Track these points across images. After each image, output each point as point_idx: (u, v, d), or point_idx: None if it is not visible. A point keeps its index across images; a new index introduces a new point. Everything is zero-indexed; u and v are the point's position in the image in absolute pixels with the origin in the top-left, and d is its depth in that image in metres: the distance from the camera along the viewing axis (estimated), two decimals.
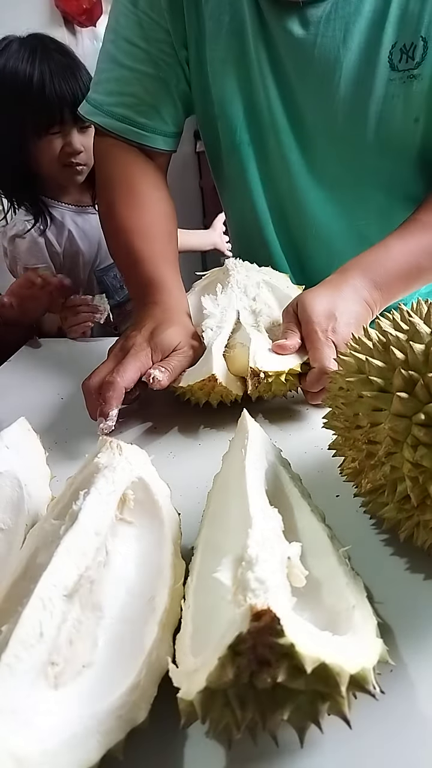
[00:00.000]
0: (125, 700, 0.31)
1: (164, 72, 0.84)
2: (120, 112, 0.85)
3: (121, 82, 0.85)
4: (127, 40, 0.83)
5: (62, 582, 0.35)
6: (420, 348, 0.39)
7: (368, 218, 0.91)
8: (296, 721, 0.29)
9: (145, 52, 0.83)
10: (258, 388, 0.65)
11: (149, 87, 0.84)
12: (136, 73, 0.84)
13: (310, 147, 0.86)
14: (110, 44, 0.85)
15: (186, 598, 0.37)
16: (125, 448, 0.47)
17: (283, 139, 0.86)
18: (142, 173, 0.88)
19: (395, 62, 0.75)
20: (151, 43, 0.83)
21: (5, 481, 0.47)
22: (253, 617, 0.27)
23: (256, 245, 0.99)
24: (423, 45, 0.73)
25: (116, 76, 0.85)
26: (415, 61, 0.74)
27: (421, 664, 0.37)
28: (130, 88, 0.85)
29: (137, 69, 0.84)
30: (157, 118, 0.86)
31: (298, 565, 0.36)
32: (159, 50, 0.83)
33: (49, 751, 0.28)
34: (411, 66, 0.75)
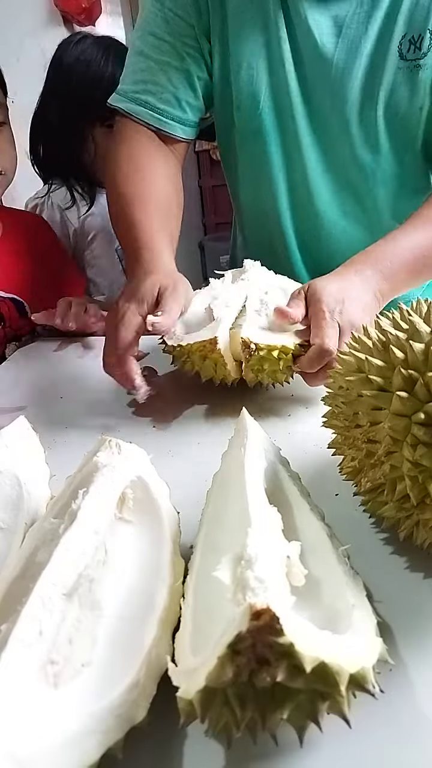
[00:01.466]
0: (124, 698, 0.31)
1: (188, 64, 0.89)
2: (143, 98, 0.90)
3: (146, 72, 0.90)
4: (153, 35, 0.89)
5: (61, 581, 0.35)
6: (420, 347, 0.39)
7: (377, 208, 0.95)
8: (296, 721, 0.29)
9: (170, 45, 0.88)
10: (250, 363, 0.64)
11: (172, 77, 0.89)
12: (160, 64, 0.89)
13: (325, 135, 0.90)
14: (137, 40, 0.91)
15: (185, 597, 0.37)
16: (124, 447, 0.47)
17: (300, 126, 0.90)
18: (151, 153, 0.91)
19: (404, 52, 0.82)
20: (175, 37, 0.88)
21: (4, 480, 0.47)
22: (252, 616, 0.27)
23: (271, 234, 1.02)
24: (430, 36, 0.80)
25: (142, 67, 0.90)
26: (422, 51, 0.81)
27: (420, 664, 0.37)
28: (154, 77, 0.89)
29: (162, 60, 0.88)
30: (177, 107, 0.90)
31: (298, 564, 0.36)
32: (183, 44, 0.88)
33: (48, 750, 0.28)
34: (418, 56, 0.82)
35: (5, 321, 1.07)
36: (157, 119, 0.90)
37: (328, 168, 0.93)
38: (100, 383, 0.82)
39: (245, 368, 0.65)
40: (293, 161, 0.93)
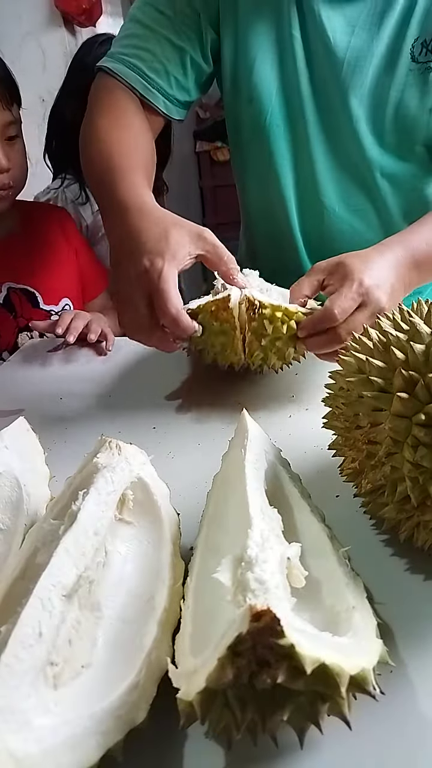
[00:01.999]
0: (124, 700, 0.31)
1: (184, 42, 0.88)
2: (132, 62, 0.88)
3: (139, 38, 0.89)
4: (154, 7, 0.88)
5: (61, 582, 0.35)
6: (420, 348, 0.39)
7: (386, 206, 0.96)
8: (296, 722, 0.29)
9: (168, 19, 0.88)
10: (254, 326, 0.64)
11: (166, 49, 0.88)
12: (156, 34, 0.88)
13: (334, 131, 0.92)
14: (136, 9, 0.91)
15: (185, 599, 0.37)
16: (124, 448, 0.47)
17: (309, 122, 0.91)
18: (133, 110, 0.88)
19: (416, 54, 0.84)
20: (177, 13, 0.87)
21: (4, 481, 0.47)
22: (252, 618, 0.26)
23: (277, 228, 1.03)
24: None
25: (136, 33, 0.89)
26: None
27: (420, 665, 0.37)
28: (146, 45, 0.88)
29: (158, 31, 0.88)
30: (165, 80, 0.89)
31: (298, 565, 0.36)
32: (183, 23, 0.88)
33: (48, 751, 0.28)
34: (430, 59, 0.84)
35: (17, 311, 1.08)
36: (144, 86, 0.87)
37: (336, 164, 0.94)
38: (100, 383, 0.82)
39: (249, 336, 0.65)
40: (301, 156, 0.95)
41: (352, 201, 0.96)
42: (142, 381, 0.82)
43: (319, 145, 0.93)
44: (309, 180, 0.95)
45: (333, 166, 0.94)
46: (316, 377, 0.76)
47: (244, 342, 0.67)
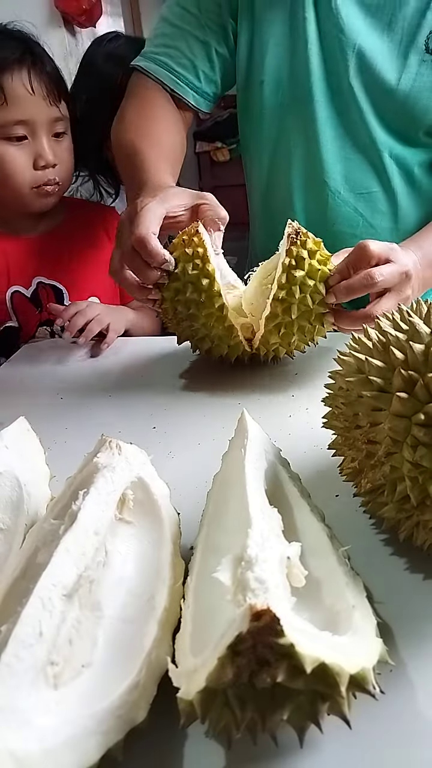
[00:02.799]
0: (125, 699, 0.31)
1: (209, 37, 0.94)
2: (162, 59, 0.94)
3: (168, 37, 0.95)
4: (181, 6, 0.94)
5: (62, 582, 0.35)
6: (420, 348, 0.39)
7: (395, 195, 0.97)
8: (296, 721, 0.29)
9: (194, 16, 0.93)
10: (295, 253, 0.66)
11: (192, 45, 0.94)
12: (182, 31, 0.94)
13: (343, 116, 0.93)
14: (166, 9, 0.97)
15: (186, 598, 0.37)
16: (124, 447, 0.47)
17: (318, 105, 0.93)
18: (162, 105, 0.95)
19: (430, 46, 0.85)
20: (201, 11, 0.93)
21: (4, 481, 0.47)
22: (252, 617, 0.27)
23: (279, 210, 1.04)
24: None
25: (165, 32, 0.96)
26: None
27: (420, 664, 0.37)
28: (174, 42, 0.94)
29: (184, 29, 0.94)
30: (193, 74, 0.95)
31: (298, 565, 0.36)
32: (207, 18, 0.93)
33: (48, 751, 0.28)
34: None
35: (42, 306, 1.09)
36: (173, 80, 0.94)
37: (344, 146, 0.95)
38: (100, 383, 0.82)
39: (287, 265, 0.66)
40: (308, 138, 0.96)
41: (359, 184, 0.97)
42: (142, 381, 0.82)
43: (328, 126, 0.94)
44: (314, 161, 0.96)
45: (341, 147, 0.95)
46: (316, 377, 0.76)
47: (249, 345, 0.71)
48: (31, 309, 1.09)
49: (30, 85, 0.94)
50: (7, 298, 1.08)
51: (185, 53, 0.94)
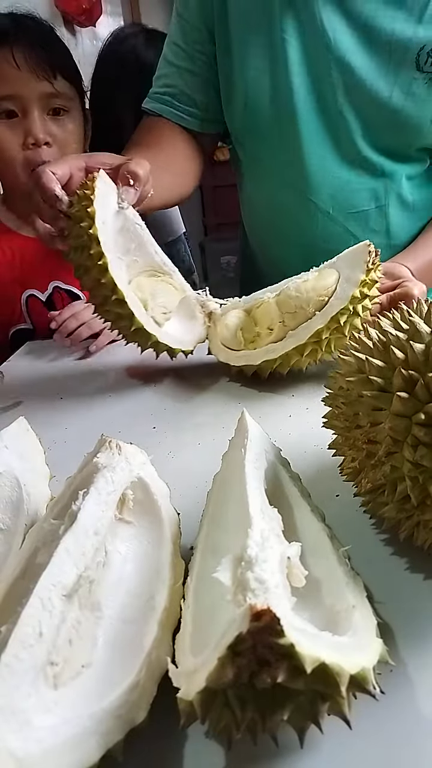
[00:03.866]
0: (124, 700, 0.31)
1: (199, 68, 0.98)
2: (165, 99, 1.01)
3: (167, 77, 1.01)
4: (174, 43, 0.99)
5: (61, 582, 0.35)
6: (420, 347, 0.39)
7: (388, 212, 0.98)
8: (296, 722, 0.29)
9: (183, 51, 0.98)
10: (371, 267, 0.66)
11: (187, 80, 0.99)
12: (177, 68, 0.99)
13: (331, 134, 0.92)
14: (165, 47, 1.02)
15: (186, 598, 0.37)
16: (124, 447, 0.47)
17: (304, 125, 0.92)
18: (168, 132, 0.99)
19: (421, 63, 0.83)
20: (189, 43, 0.97)
21: (4, 481, 0.47)
22: (252, 617, 0.26)
23: (274, 232, 1.05)
24: None
25: (165, 72, 1.02)
26: None
27: (421, 664, 0.37)
28: (172, 81, 1.00)
29: (178, 65, 0.99)
30: (194, 106, 1.00)
31: (298, 565, 0.36)
32: (194, 49, 0.97)
33: (48, 751, 0.28)
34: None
35: (57, 310, 1.08)
36: (176, 115, 1.00)
37: (333, 168, 0.94)
38: (100, 383, 0.82)
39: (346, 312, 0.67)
40: (294, 159, 0.95)
41: (350, 203, 0.96)
42: (142, 381, 0.82)
43: (315, 146, 0.93)
44: (301, 182, 0.96)
45: (329, 167, 0.94)
46: (317, 377, 0.76)
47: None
48: (45, 313, 1.08)
49: (14, 60, 0.92)
50: (22, 301, 1.08)
51: (183, 90, 0.99)
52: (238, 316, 0.76)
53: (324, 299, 0.68)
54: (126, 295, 0.67)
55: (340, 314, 0.66)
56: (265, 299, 0.74)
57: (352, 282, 0.67)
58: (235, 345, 0.75)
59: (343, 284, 0.68)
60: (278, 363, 0.70)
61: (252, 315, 0.76)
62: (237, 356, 0.75)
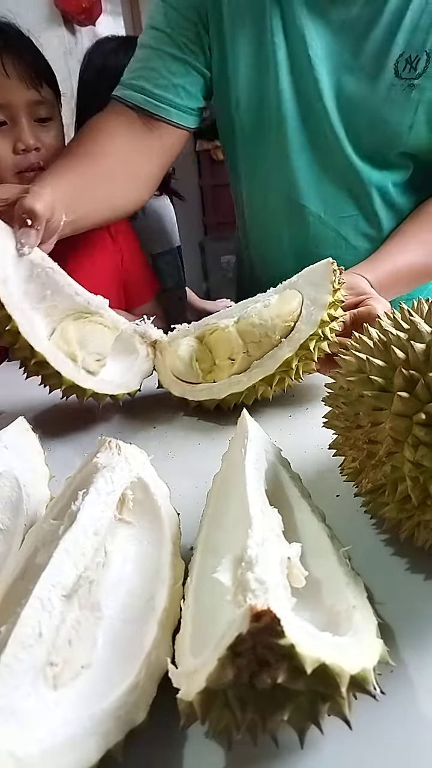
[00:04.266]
0: (124, 700, 0.31)
1: (186, 54, 0.91)
2: (138, 84, 0.91)
3: (144, 59, 0.92)
4: (154, 28, 0.92)
5: (61, 582, 0.35)
6: (421, 347, 0.39)
7: (377, 215, 0.97)
8: (296, 722, 0.29)
9: (167, 35, 0.90)
10: (338, 291, 0.64)
11: (170, 64, 0.90)
12: (158, 51, 0.91)
13: (317, 140, 0.91)
14: (142, 36, 0.94)
15: (185, 598, 0.37)
16: (124, 448, 0.47)
17: (291, 130, 0.91)
18: (120, 138, 0.90)
19: (399, 70, 0.83)
20: (174, 29, 0.90)
21: (4, 482, 0.47)
22: (252, 618, 0.26)
23: (269, 235, 1.04)
24: (426, 58, 0.81)
25: (141, 56, 0.93)
26: (417, 71, 0.82)
27: (421, 665, 0.37)
28: (150, 64, 0.91)
29: (160, 49, 0.91)
30: (173, 92, 0.91)
31: (298, 565, 0.36)
32: (181, 35, 0.90)
33: (48, 752, 0.28)
34: (413, 76, 0.83)
35: None
36: (152, 104, 0.90)
37: (320, 171, 0.94)
38: None
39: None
40: (284, 162, 0.94)
41: (340, 208, 0.96)
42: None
43: (303, 152, 0.93)
44: (292, 186, 0.95)
45: (318, 173, 0.94)
46: (317, 376, 0.76)
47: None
48: None
49: (4, 69, 0.92)
50: None
51: (162, 73, 0.90)
52: (190, 344, 0.70)
53: (290, 324, 0.64)
54: (47, 356, 0.61)
55: (309, 340, 0.62)
56: (221, 326, 0.68)
57: (318, 305, 0.63)
58: (191, 377, 0.69)
59: (308, 307, 0.64)
60: (244, 395, 0.65)
61: (205, 342, 0.70)
62: (197, 390, 0.68)
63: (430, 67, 0.82)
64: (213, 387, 0.66)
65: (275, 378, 0.63)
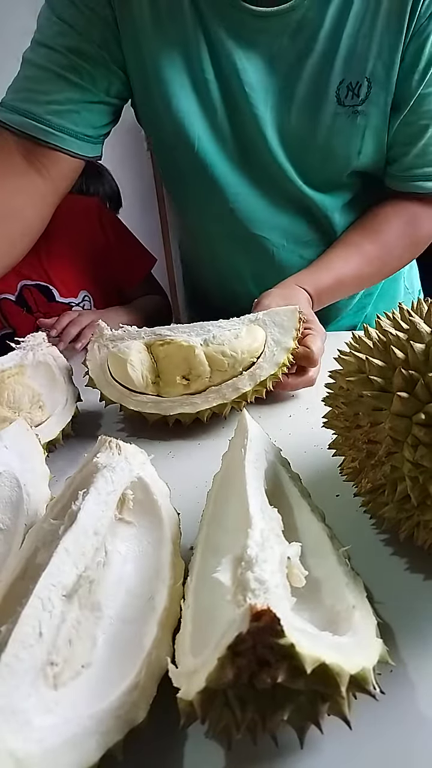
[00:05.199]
0: (124, 700, 0.31)
1: (85, 80, 0.80)
2: (25, 108, 0.79)
3: (33, 80, 0.79)
4: (46, 46, 0.79)
5: (61, 582, 0.35)
6: (420, 347, 0.39)
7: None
8: (296, 722, 0.29)
9: (64, 56, 0.78)
10: (300, 334, 0.67)
11: (65, 88, 0.79)
12: (51, 73, 0.78)
13: (262, 173, 0.88)
14: (28, 52, 0.81)
15: (186, 598, 0.37)
16: (124, 447, 0.47)
17: (236, 165, 0.88)
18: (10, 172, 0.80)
19: (342, 98, 0.80)
20: (72, 51, 0.78)
21: (4, 482, 0.47)
22: (252, 617, 0.26)
23: (226, 270, 1.01)
24: (367, 84, 0.79)
25: (28, 75, 0.80)
26: (360, 98, 0.80)
27: (421, 665, 0.37)
28: (41, 86, 0.79)
29: (53, 70, 0.78)
30: (68, 119, 0.80)
31: (298, 565, 0.36)
32: (80, 59, 0.79)
33: (48, 751, 0.28)
34: (356, 102, 0.80)
35: (31, 307, 1.08)
36: (42, 130, 0.79)
37: (274, 205, 0.91)
38: None
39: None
40: (235, 201, 0.91)
41: (300, 234, 0.94)
42: None
43: (250, 185, 0.89)
44: (247, 220, 0.92)
45: (270, 204, 0.91)
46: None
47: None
48: (20, 312, 1.08)
49: None
50: None
51: (55, 96, 0.78)
52: (139, 351, 0.67)
53: (253, 359, 0.66)
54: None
55: (268, 378, 0.65)
56: (180, 342, 0.66)
57: (282, 347, 0.67)
58: (132, 384, 0.66)
59: (271, 346, 0.67)
60: (194, 417, 0.65)
61: (153, 352, 0.68)
62: (141, 402, 0.66)
63: (372, 93, 0.79)
64: (162, 402, 0.65)
65: (227, 406, 0.64)
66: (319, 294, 0.85)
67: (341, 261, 0.88)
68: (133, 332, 0.70)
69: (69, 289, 1.11)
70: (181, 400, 0.65)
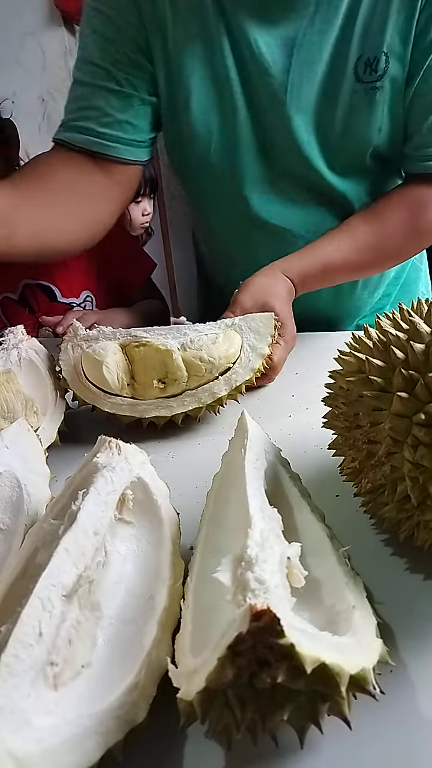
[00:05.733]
0: (124, 700, 0.31)
1: (126, 87, 0.86)
2: (81, 125, 0.87)
3: (84, 98, 0.87)
4: (90, 63, 0.86)
5: (61, 582, 0.35)
6: (420, 347, 0.39)
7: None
8: (296, 722, 0.29)
9: (105, 70, 0.85)
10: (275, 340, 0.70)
11: (111, 100, 0.86)
12: (97, 88, 0.86)
13: (282, 161, 0.88)
14: (75, 71, 0.88)
15: (185, 598, 0.37)
16: (124, 447, 0.47)
17: (249, 156, 0.88)
18: (66, 176, 0.86)
19: (360, 74, 0.81)
20: (112, 63, 0.84)
21: (5, 481, 0.47)
22: (252, 617, 0.26)
23: (243, 264, 0.99)
24: (385, 59, 0.79)
25: (79, 94, 0.88)
26: (377, 74, 0.80)
27: (421, 665, 0.37)
28: (91, 102, 0.86)
29: (99, 84, 0.86)
30: (119, 129, 0.87)
31: (298, 565, 0.36)
32: (120, 70, 0.85)
33: (48, 751, 0.28)
34: (374, 78, 0.80)
35: (33, 307, 1.08)
36: (99, 144, 0.86)
37: (297, 195, 0.91)
38: None
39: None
40: (254, 192, 0.91)
41: (321, 225, 0.93)
42: None
43: (270, 174, 0.90)
44: (269, 212, 0.92)
45: (293, 196, 0.91)
46: (316, 377, 0.76)
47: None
48: (22, 312, 1.08)
49: None
50: None
51: (104, 110, 0.86)
52: (114, 352, 0.67)
53: (229, 365, 0.67)
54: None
55: (243, 383, 0.67)
56: (157, 345, 0.65)
57: (257, 353, 0.68)
58: (106, 386, 0.66)
59: (247, 352, 0.68)
60: (168, 419, 0.65)
61: (128, 354, 0.67)
62: (116, 404, 0.65)
63: (390, 67, 0.79)
64: (137, 405, 0.65)
65: (202, 409, 0.65)
66: (303, 281, 0.84)
67: (332, 247, 0.87)
68: (108, 333, 0.69)
69: (71, 290, 1.11)
70: (156, 402, 0.65)
